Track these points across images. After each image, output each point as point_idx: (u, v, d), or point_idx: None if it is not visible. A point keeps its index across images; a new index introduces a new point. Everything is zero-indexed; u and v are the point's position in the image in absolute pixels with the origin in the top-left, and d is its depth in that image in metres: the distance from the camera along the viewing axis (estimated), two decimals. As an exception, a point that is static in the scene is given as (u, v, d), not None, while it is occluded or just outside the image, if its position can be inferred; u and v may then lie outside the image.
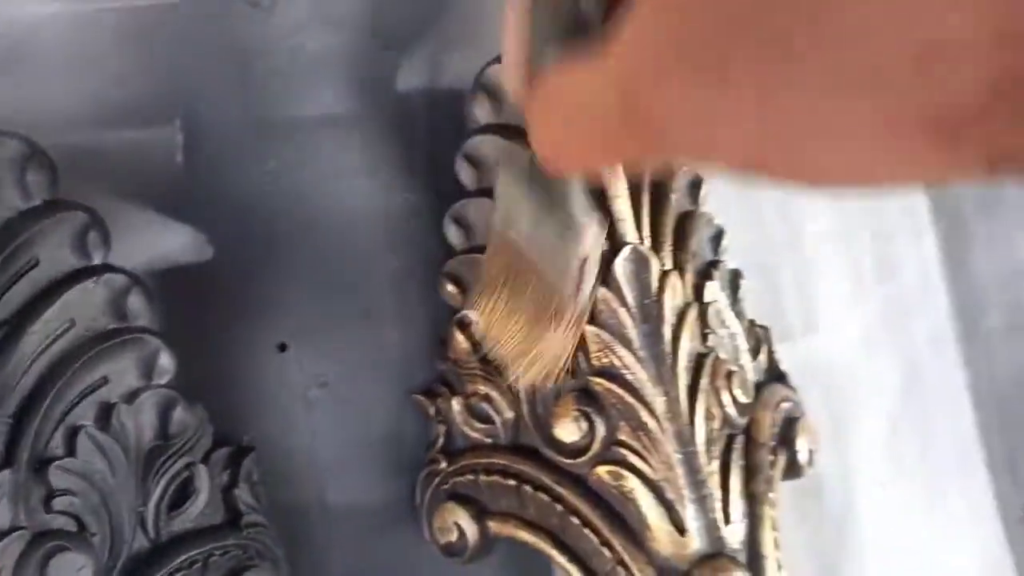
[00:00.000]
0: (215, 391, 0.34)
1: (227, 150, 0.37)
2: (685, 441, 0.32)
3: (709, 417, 0.33)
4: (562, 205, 0.24)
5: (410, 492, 0.36)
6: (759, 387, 0.37)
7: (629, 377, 0.32)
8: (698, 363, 0.33)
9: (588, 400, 0.32)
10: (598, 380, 0.32)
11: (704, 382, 0.33)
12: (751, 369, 0.37)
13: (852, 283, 0.49)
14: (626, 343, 0.32)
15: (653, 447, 0.32)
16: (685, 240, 0.36)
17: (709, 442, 0.33)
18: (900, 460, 0.48)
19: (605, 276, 0.33)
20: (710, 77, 0.16)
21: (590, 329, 0.33)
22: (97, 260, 0.31)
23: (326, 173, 0.38)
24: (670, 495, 0.31)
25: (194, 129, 0.36)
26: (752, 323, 0.40)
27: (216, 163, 0.37)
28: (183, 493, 0.31)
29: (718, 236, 0.40)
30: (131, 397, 0.31)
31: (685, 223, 0.37)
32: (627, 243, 0.33)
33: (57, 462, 0.28)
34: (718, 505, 0.32)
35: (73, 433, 0.29)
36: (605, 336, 0.32)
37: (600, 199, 0.27)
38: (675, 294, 0.34)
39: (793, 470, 0.38)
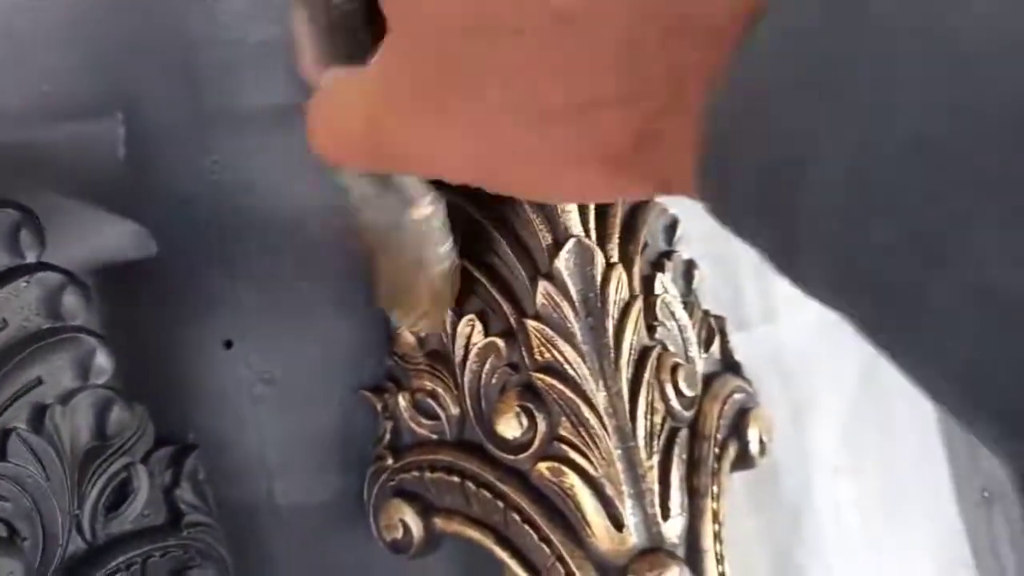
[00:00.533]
0: (160, 389, 0.34)
1: (171, 143, 0.36)
2: (625, 436, 0.32)
3: (651, 411, 0.33)
4: (396, 186, 0.29)
5: (359, 489, 0.36)
6: (709, 379, 0.37)
7: (571, 372, 0.32)
8: (642, 357, 0.33)
9: (530, 396, 0.32)
10: (540, 376, 0.32)
11: (647, 376, 0.33)
12: (701, 361, 0.37)
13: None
14: (568, 338, 0.32)
15: (593, 443, 0.31)
16: (635, 231, 0.36)
17: (650, 436, 0.32)
18: (859, 447, 0.48)
19: (549, 270, 0.33)
20: (432, 111, 0.21)
21: (532, 324, 0.32)
22: (31, 258, 0.31)
23: (272, 166, 0.38)
24: (609, 491, 0.31)
25: (136, 121, 0.35)
26: (706, 314, 0.40)
27: (159, 156, 0.36)
28: (122, 494, 0.31)
29: (672, 226, 0.39)
30: (66, 398, 0.30)
31: (636, 214, 0.37)
32: (571, 236, 0.33)
33: (-13, 467, 0.28)
34: (657, 500, 0.32)
35: (4, 436, 0.28)
36: (548, 331, 0.32)
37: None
38: (620, 287, 0.33)
39: (744, 461, 0.38)
